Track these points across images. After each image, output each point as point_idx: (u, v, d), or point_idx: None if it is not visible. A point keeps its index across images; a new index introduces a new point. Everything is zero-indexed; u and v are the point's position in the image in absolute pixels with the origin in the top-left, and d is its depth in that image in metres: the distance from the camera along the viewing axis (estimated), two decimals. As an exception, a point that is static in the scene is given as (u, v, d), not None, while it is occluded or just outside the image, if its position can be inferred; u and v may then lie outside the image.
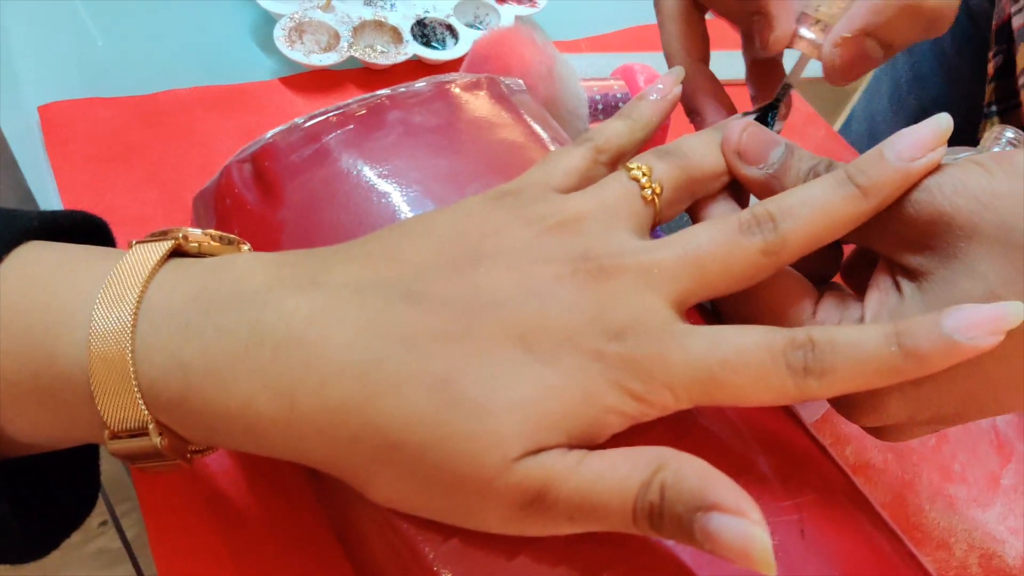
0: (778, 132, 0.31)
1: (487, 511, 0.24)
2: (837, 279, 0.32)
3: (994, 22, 0.51)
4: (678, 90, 0.32)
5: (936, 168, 0.27)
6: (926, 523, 0.39)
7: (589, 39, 0.57)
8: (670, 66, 0.36)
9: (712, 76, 0.35)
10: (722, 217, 0.28)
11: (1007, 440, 0.42)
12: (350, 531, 0.28)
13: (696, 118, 0.35)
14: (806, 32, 0.31)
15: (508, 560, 0.25)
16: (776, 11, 0.31)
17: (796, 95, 0.55)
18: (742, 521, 0.22)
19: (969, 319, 0.24)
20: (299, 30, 0.49)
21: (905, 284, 0.28)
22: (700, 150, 0.30)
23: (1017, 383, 0.26)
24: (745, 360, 0.25)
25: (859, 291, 0.30)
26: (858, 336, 0.25)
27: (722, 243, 0.27)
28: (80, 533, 0.29)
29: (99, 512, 0.72)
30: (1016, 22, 0.47)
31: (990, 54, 0.51)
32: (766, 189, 0.30)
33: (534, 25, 0.45)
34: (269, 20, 0.50)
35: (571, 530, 0.25)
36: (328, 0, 0.51)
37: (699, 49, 0.35)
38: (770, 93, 0.34)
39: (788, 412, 0.31)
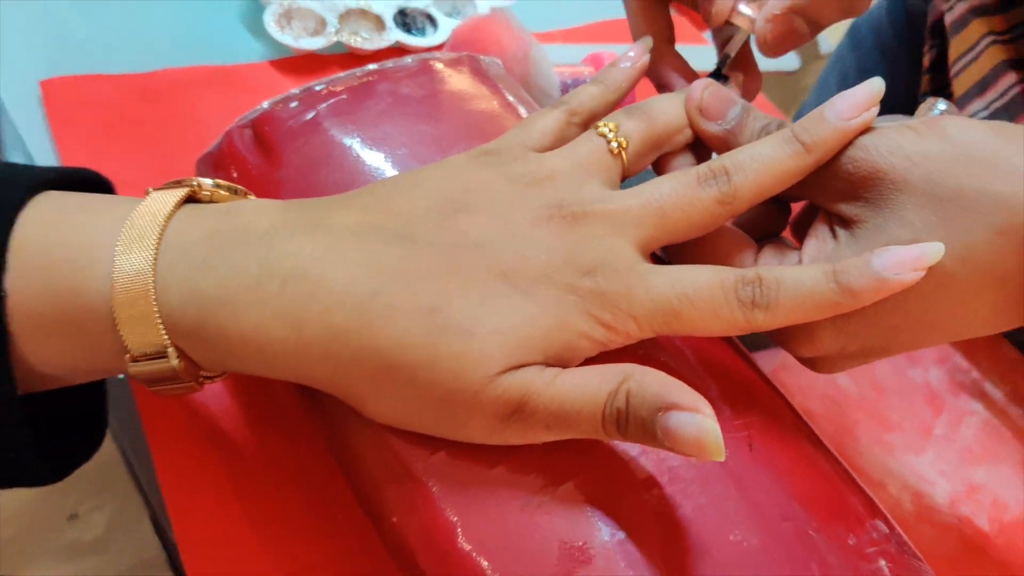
0: None
1: (473, 421, 0.28)
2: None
3: (929, 19, 0.55)
4: (646, 58, 0.36)
5: (870, 128, 0.31)
6: (864, 465, 0.43)
7: (562, 31, 0.61)
8: None
9: (677, 54, 0.39)
10: (683, 170, 0.31)
11: (939, 394, 0.47)
12: (346, 451, 0.31)
13: (663, 90, 0.39)
14: (744, 8, 0.35)
15: (488, 470, 0.29)
16: None
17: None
18: (696, 416, 0.25)
19: (896, 258, 0.28)
20: (288, 16, 0.52)
21: (840, 232, 0.32)
22: (664, 107, 0.34)
23: (934, 319, 0.30)
24: (701, 294, 0.29)
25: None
26: (800, 274, 0.29)
27: (682, 193, 0.31)
28: (51, 528, 0.31)
29: (68, 506, 0.74)
30: (947, 19, 0.51)
31: (925, 48, 0.55)
32: (723, 144, 0.33)
33: (510, 14, 0.48)
34: (259, 7, 0.54)
35: (547, 437, 0.28)
36: (315, -12, 0.54)
37: (664, 32, 0.39)
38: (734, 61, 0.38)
39: (743, 354, 0.34)
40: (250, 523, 0.34)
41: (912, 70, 0.57)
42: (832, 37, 0.69)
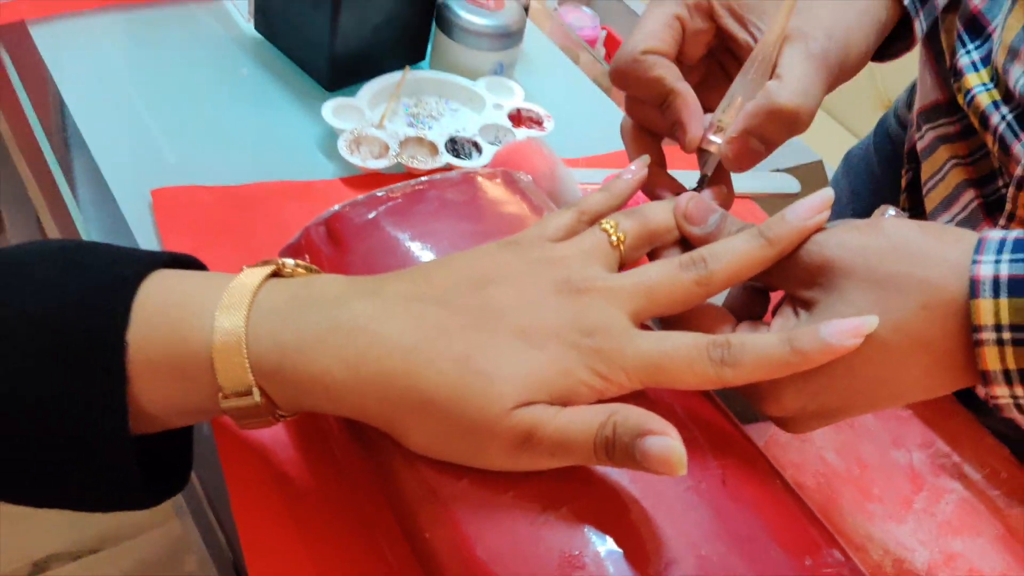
0: None
1: (492, 448, 0.35)
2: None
3: (905, 146, 0.63)
4: (644, 172, 0.44)
5: (822, 228, 0.38)
6: (847, 529, 0.48)
7: (586, 158, 0.70)
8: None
9: (667, 174, 0.47)
10: (669, 258, 0.39)
11: (921, 474, 0.52)
12: (389, 479, 0.38)
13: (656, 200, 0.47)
14: (712, 137, 0.43)
15: (503, 494, 0.35)
16: (688, 121, 0.44)
17: (757, 207, 0.67)
18: (664, 438, 0.32)
19: (839, 327, 0.35)
20: (357, 142, 0.62)
21: (801, 312, 0.38)
22: (656, 211, 0.41)
23: (879, 381, 0.37)
24: (679, 352, 0.36)
25: None
26: (762, 339, 0.36)
27: (666, 275, 0.38)
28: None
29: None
30: (919, 146, 0.59)
31: (903, 171, 0.63)
32: (704, 243, 0.41)
33: (542, 141, 0.58)
34: (333, 135, 0.64)
35: (552, 464, 0.35)
36: (381, 120, 0.64)
37: (656, 158, 0.47)
38: (712, 177, 0.46)
39: (725, 413, 0.41)
40: (304, 540, 0.41)
41: (894, 190, 0.65)
42: (831, 162, 0.77)
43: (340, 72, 0.68)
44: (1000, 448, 0.54)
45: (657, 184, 0.47)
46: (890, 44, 0.50)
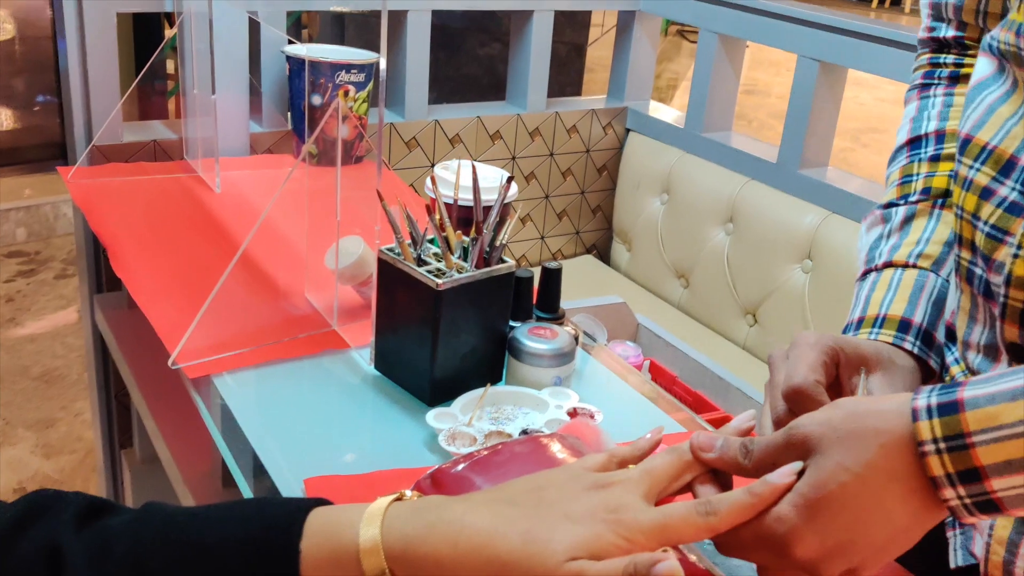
0: None
1: (549, 595, 0.51)
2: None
3: None
4: (661, 434, 0.62)
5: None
6: None
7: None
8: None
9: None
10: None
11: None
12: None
13: None
14: None
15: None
16: None
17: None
18: (668, 562, 0.48)
19: (776, 473, 0.53)
20: (453, 437, 0.83)
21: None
22: (666, 458, 0.59)
23: (868, 510, 0.52)
24: (678, 512, 0.53)
25: None
26: (732, 493, 0.53)
27: (669, 465, 0.56)
28: None
29: None
30: None
31: None
32: (719, 463, 0.58)
33: (591, 420, 0.77)
34: (434, 435, 0.84)
35: None
36: (470, 420, 0.85)
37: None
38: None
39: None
40: None
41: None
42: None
43: (437, 391, 0.90)
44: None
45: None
46: None
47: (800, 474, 0.54)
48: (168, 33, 3.99)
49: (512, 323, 0.97)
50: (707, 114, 1.89)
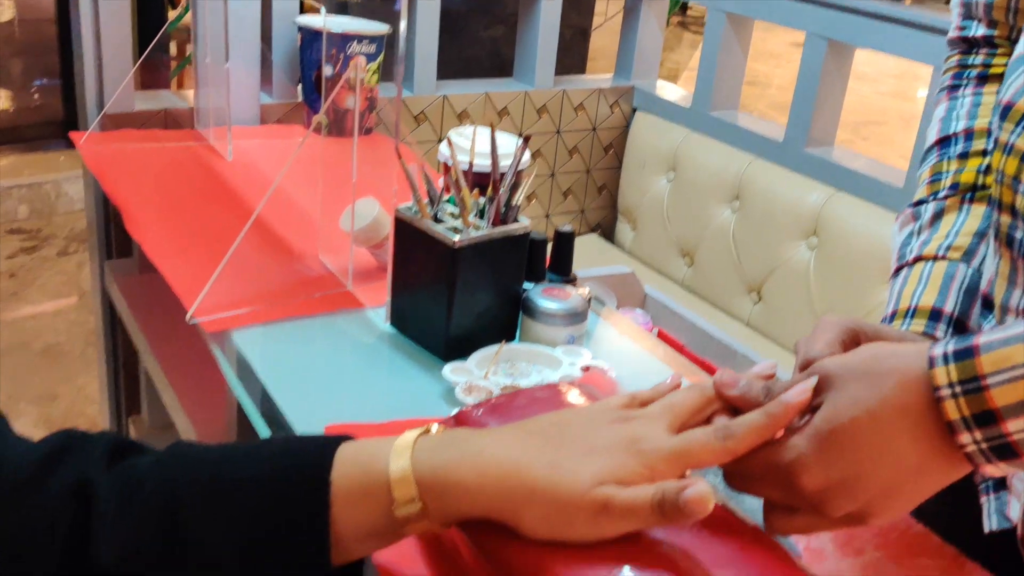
0: None
1: (579, 519, 0.52)
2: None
3: None
4: (680, 379, 0.63)
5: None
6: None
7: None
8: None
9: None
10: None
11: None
12: (503, 566, 0.54)
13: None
14: None
15: (586, 559, 0.52)
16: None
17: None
18: (697, 486, 0.50)
19: (791, 392, 0.55)
20: (469, 390, 0.84)
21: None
22: (688, 393, 0.60)
23: (879, 446, 0.54)
24: (697, 438, 0.55)
25: None
26: (748, 416, 0.55)
27: (690, 400, 0.58)
28: None
29: None
30: None
31: None
32: (741, 401, 0.59)
33: (605, 371, 0.78)
34: (451, 388, 0.86)
35: (625, 528, 0.52)
36: (486, 374, 0.86)
37: None
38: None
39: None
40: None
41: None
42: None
43: (453, 348, 0.92)
44: None
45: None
46: None
47: (816, 410, 0.56)
48: (172, 14, 4.00)
49: (526, 285, 0.98)
50: (714, 93, 1.90)
